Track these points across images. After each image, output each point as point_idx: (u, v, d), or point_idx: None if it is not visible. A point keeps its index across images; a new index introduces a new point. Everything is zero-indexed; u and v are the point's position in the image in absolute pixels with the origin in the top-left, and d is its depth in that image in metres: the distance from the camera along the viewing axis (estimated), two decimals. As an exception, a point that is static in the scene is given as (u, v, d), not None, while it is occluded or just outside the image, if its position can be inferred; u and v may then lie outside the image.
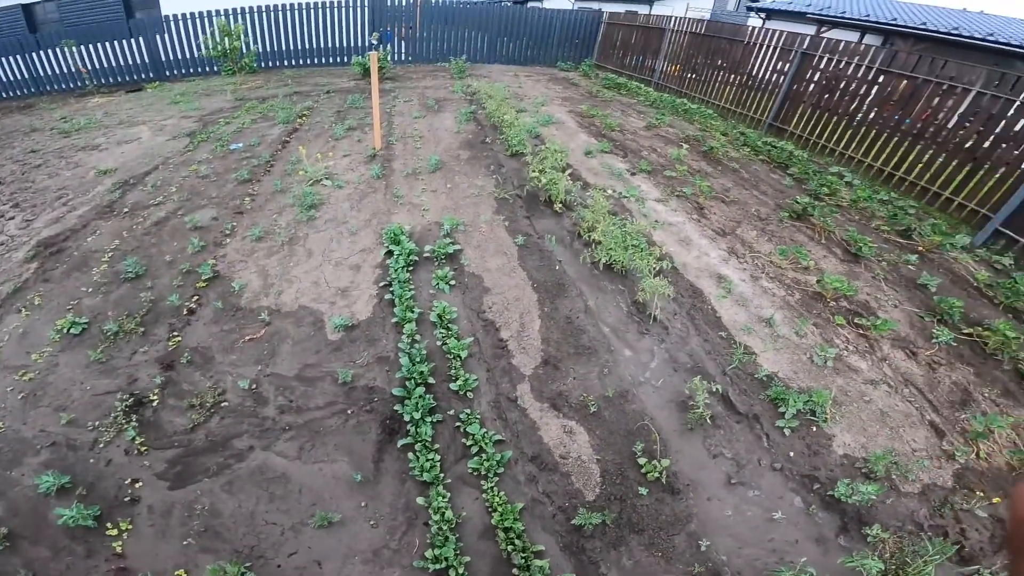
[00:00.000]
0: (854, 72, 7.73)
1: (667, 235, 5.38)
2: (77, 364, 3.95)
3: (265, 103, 9.77)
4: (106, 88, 12.64)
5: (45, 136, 8.61)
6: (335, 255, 5.05)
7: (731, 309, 4.39)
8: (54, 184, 6.68)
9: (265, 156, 7.10)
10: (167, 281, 4.74)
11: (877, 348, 4.11)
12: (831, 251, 5.27)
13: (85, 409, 3.61)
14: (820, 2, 19.35)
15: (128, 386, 3.76)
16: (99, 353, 4.00)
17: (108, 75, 12.88)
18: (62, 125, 9.05)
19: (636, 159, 7.12)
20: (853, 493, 3.00)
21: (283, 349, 4.05)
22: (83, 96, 12.08)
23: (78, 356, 4.01)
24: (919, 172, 6.83)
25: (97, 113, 9.85)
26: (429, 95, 10.09)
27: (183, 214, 5.73)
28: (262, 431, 3.47)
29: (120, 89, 12.52)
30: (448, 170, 6.62)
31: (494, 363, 3.90)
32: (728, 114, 9.98)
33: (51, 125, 9.19)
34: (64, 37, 12.19)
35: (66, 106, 11.00)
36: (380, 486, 3.17)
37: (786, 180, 6.96)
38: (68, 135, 8.53)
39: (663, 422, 3.46)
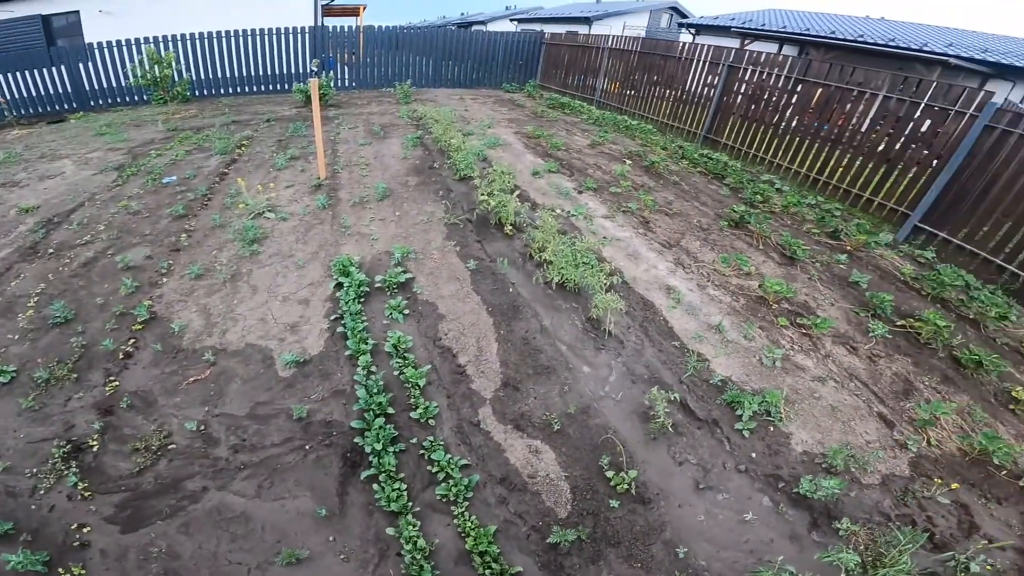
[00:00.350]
0: (775, 82, 8.24)
1: (616, 251, 5.51)
2: (8, 412, 3.70)
3: (200, 133, 9.42)
4: (26, 119, 11.87)
5: None
6: (282, 290, 4.89)
7: (682, 318, 4.53)
8: (-30, 226, 6.17)
9: (202, 189, 6.82)
10: (99, 325, 4.45)
11: (820, 346, 4.33)
12: (769, 256, 5.56)
13: (21, 456, 3.40)
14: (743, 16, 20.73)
15: (65, 432, 3.55)
16: (31, 401, 3.75)
17: (28, 105, 12.12)
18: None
19: (582, 177, 7.31)
20: (817, 489, 3.08)
21: (231, 389, 3.87)
22: (1, 128, 11.29)
23: (8, 404, 3.76)
24: (840, 175, 7.32)
25: (16, 146, 9.20)
26: (374, 121, 10.03)
27: (114, 253, 5.40)
28: (215, 471, 3.32)
29: (41, 120, 11.79)
30: (396, 197, 6.57)
31: (454, 389, 3.86)
32: (666, 128, 10.43)
33: None
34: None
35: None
36: (347, 519, 3.07)
37: (723, 190, 7.32)
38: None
39: (627, 434, 3.50)
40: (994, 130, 5.59)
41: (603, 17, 27.69)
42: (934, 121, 6.32)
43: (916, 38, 15.44)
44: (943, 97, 6.21)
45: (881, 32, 16.54)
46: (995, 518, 3.07)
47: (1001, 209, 5.50)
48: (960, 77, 13.09)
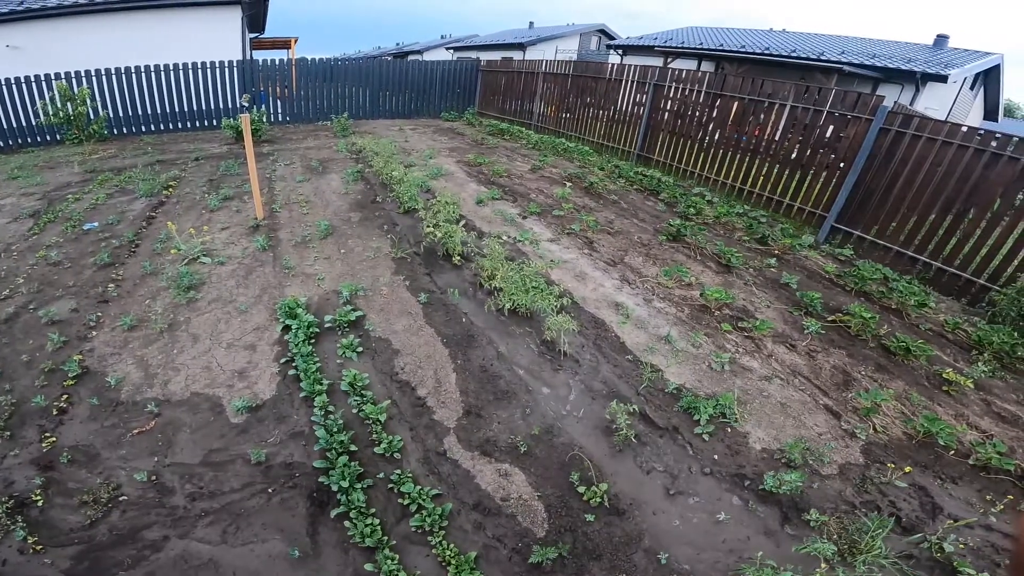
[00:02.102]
0: (696, 98, 8.78)
1: (564, 272, 5.66)
2: None
3: (122, 175, 8.92)
4: (-76, 163, 10.78)
5: None
6: (225, 337, 4.69)
7: (632, 333, 4.69)
8: None
9: (128, 235, 6.44)
10: (28, 382, 4.13)
11: (762, 346, 4.60)
12: (707, 266, 5.90)
13: None
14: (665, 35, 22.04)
15: (5, 489, 3.32)
16: None
17: (-77, 152, 11.03)
18: None
19: (525, 202, 7.50)
20: (781, 483, 3.19)
21: (180, 438, 3.67)
22: None
23: None
24: (762, 184, 7.86)
25: (-88, 198, 8.33)
26: (312, 156, 9.88)
27: (35, 308, 5.00)
28: (174, 520, 3.15)
29: (-58, 165, 10.74)
30: (340, 234, 6.47)
31: (416, 421, 3.82)
32: (602, 148, 10.88)
33: None
34: None
35: None
36: (322, 558, 2.96)
37: (659, 205, 7.72)
38: None
39: (593, 449, 3.57)
40: (889, 131, 6.22)
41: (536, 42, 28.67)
42: (836, 127, 6.93)
43: (814, 48, 16.81)
44: (840, 103, 6.83)
45: (785, 44, 17.93)
46: (954, 497, 3.26)
47: (905, 205, 6.10)
48: (854, 83, 14.24)
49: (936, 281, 5.85)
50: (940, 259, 5.82)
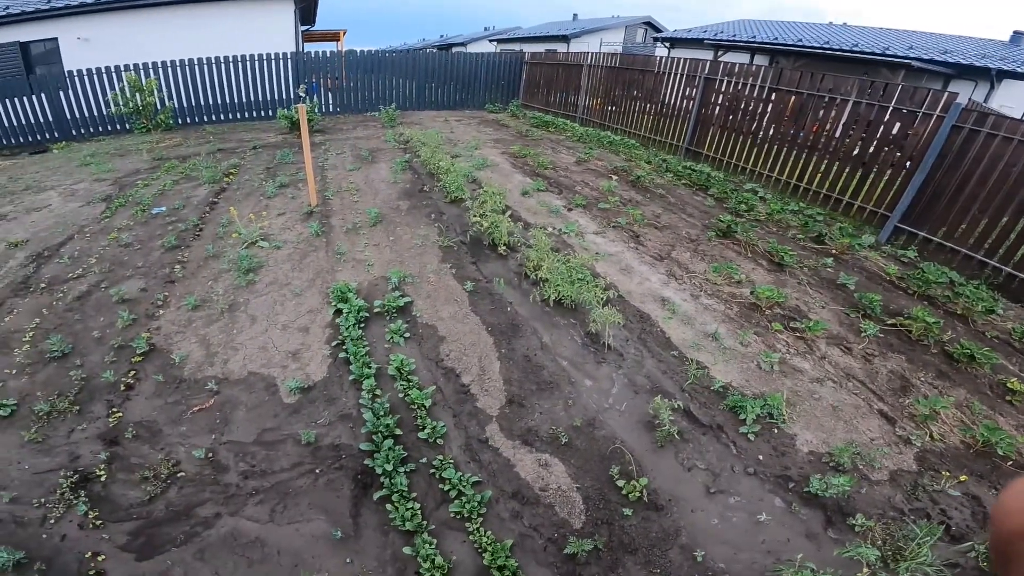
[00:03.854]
0: (750, 92, 8.48)
1: (609, 266, 5.61)
2: (11, 445, 3.67)
3: (187, 162, 9.41)
4: (7, 150, 11.71)
5: None
6: (281, 319, 4.89)
7: (678, 329, 4.62)
8: (-42, 261, 6.07)
9: (192, 219, 6.81)
10: (98, 358, 4.41)
11: (815, 348, 4.44)
12: (758, 263, 5.71)
13: (27, 487, 3.36)
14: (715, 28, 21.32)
15: (70, 463, 3.52)
16: (33, 433, 3.72)
17: (9, 135, 11.94)
18: None
19: (571, 195, 7.45)
20: (828, 487, 3.12)
21: (237, 416, 3.86)
22: (-17, 160, 11.08)
23: (10, 437, 3.72)
24: (819, 181, 7.52)
25: (1, 178, 9.09)
26: (362, 146, 10.12)
27: (107, 286, 5.36)
28: (227, 497, 3.30)
29: (23, 151, 11.63)
30: (389, 222, 6.62)
31: (459, 408, 3.89)
32: (649, 142, 10.66)
33: None
34: None
35: None
36: (363, 540, 3.06)
37: (708, 201, 7.51)
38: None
39: (634, 443, 3.55)
40: (962, 129, 5.83)
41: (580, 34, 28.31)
42: (903, 124, 6.55)
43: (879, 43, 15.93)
44: (909, 100, 6.45)
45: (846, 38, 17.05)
46: (1009, 508, 3.13)
47: (977, 206, 5.72)
48: (924, 79, 13.52)
49: (1006, 287, 5.48)
50: (1011, 264, 5.43)
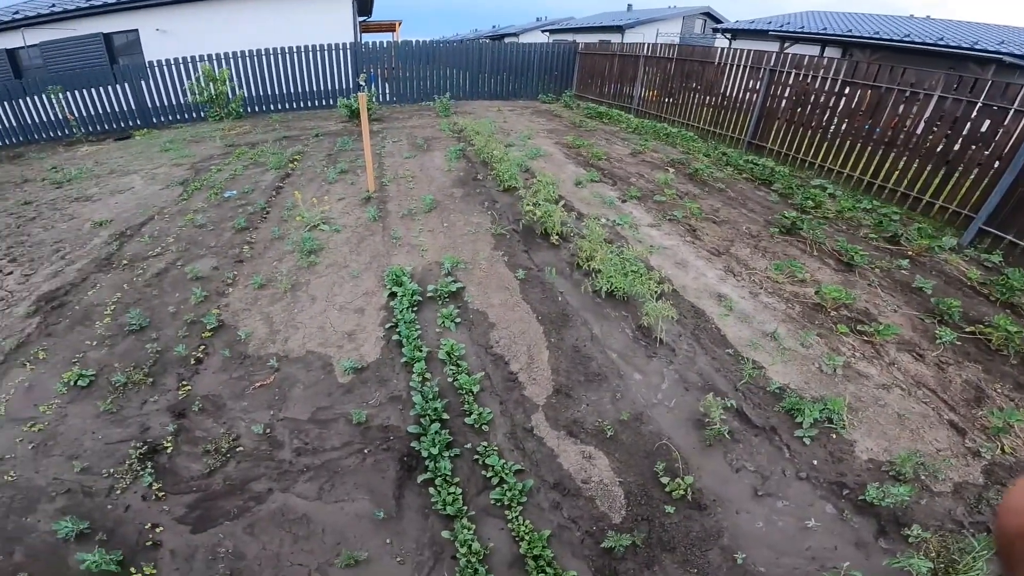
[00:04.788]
0: (821, 85, 8.04)
1: (664, 259, 5.48)
2: (87, 415, 3.92)
3: (255, 149, 9.89)
4: (94, 136, 12.64)
5: (37, 187, 8.60)
6: (338, 299, 5.07)
7: (735, 326, 4.46)
8: (50, 237, 6.66)
9: (260, 203, 7.16)
10: (172, 332, 4.72)
11: (884, 353, 4.18)
12: (824, 262, 5.41)
13: (99, 457, 3.58)
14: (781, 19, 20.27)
15: (141, 434, 3.74)
16: (109, 403, 3.97)
17: (95, 122, 12.88)
18: (54, 175, 9.04)
19: (625, 186, 7.31)
20: (885, 496, 3.00)
21: (294, 394, 4.03)
22: (72, 144, 12.04)
23: (87, 407, 3.98)
24: (896, 179, 7.05)
25: (87, 162, 9.88)
26: (417, 134, 10.30)
27: (183, 264, 5.74)
28: (280, 473, 3.45)
29: (108, 137, 12.54)
30: (443, 209, 6.72)
31: (507, 395, 3.91)
32: (708, 135, 10.29)
33: (42, 175, 9.17)
34: (50, 83, 12.08)
35: (55, 155, 11.00)
36: (404, 522, 3.14)
37: (772, 196, 7.17)
38: (60, 186, 8.54)
39: (681, 441, 3.47)
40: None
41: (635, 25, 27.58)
42: (993, 121, 6.04)
43: (966, 36, 14.78)
44: (1001, 96, 5.94)
45: (929, 32, 15.92)
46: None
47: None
48: (1016, 75, 12.52)
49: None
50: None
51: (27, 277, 5.78)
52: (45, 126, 12.54)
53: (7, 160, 10.88)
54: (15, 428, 3.81)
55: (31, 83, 12.29)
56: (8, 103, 12.09)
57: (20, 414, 3.93)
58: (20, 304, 5.25)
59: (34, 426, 3.81)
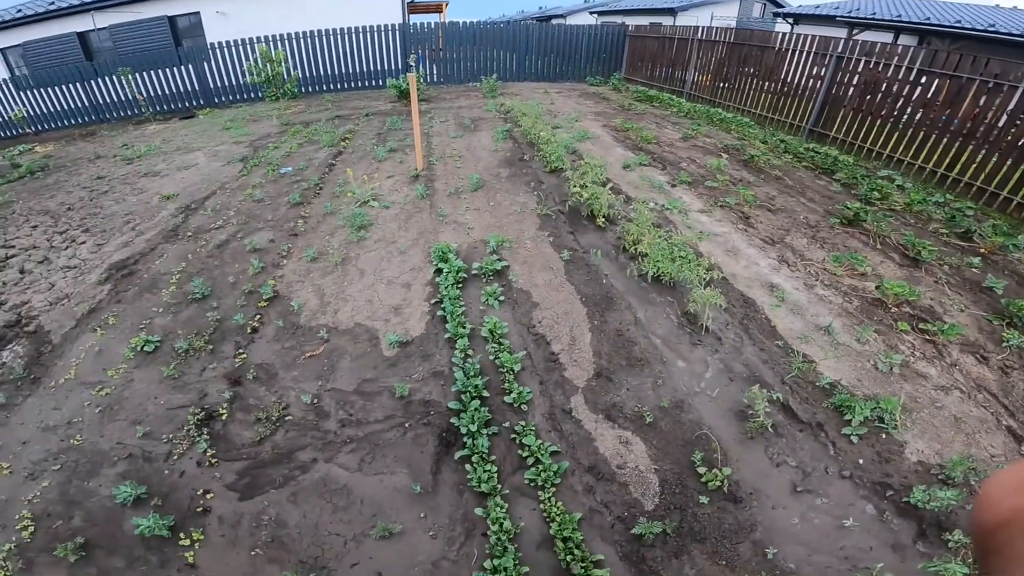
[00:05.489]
0: (894, 74, 7.57)
1: (714, 246, 5.33)
2: (151, 380, 4.13)
3: (309, 127, 10.18)
4: (161, 115, 13.33)
5: (109, 163, 9.16)
6: (386, 274, 5.20)
7: (786, 318, 4.30)
8: (121, 210, 7.11)
9: (314, 179, 7.40)
10: (231, 301, 4.95)
11: (946, 353, 3.96)
12: (888, 256, 5.12)
13: (160, 423, 3.76)
14: (849, 5, 19.02)
15: (199, 401, 3.90)
16: (171, 369, 4.18)
17: (162, 102, 13.56)
18: (124, 152, 9.60)
19: (675, 171, 7.11)
20: (930, 499, 2.89)
21: (342, 365, 4.17)
22: (141, 123, 12.75)
23: (151, 372, 4.20)
24: (973, 172, 6.59)
25: (155, 140, 10.43)
26: (464, 115, 10.33)
27: (242, 237, 6.01)
28: (324, 444, 3.56)
29: (174, 116, 13.19)
30: (489, 188, 6.74)
31: (547, 376, 3.93)
32: (765, 121, 9.84)
33: (114, 152, 9.76)
34: (119, 65, 12.78)
35: (126, 133, 11.67)
36: (439, 497, 3.20)
37: (833, 186, 6.81)
38: (131, 162, 9.07)
39: (721, 431, 3.40)
40: None
41: (688, 8, 26.39)
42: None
43: (1060, 27, 13.45)
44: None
45: (1016, 22, 14.64)
46: None
47: None
48: None
49: None
50: None
51: (99, 247, 6.20)
52: (116, 106, 13.31)
53: (80, 138, 11.63)
54: (84, 392, 4.07)
55: (102, 65, 13.03)
56: (81, 84, 12.89)
57: (89, 378, 4.20)
58: (92, 272, 5.63)
59: (102, 390, 4.07)
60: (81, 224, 6.81)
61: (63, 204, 7.46)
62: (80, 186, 8.16)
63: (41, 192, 7.98)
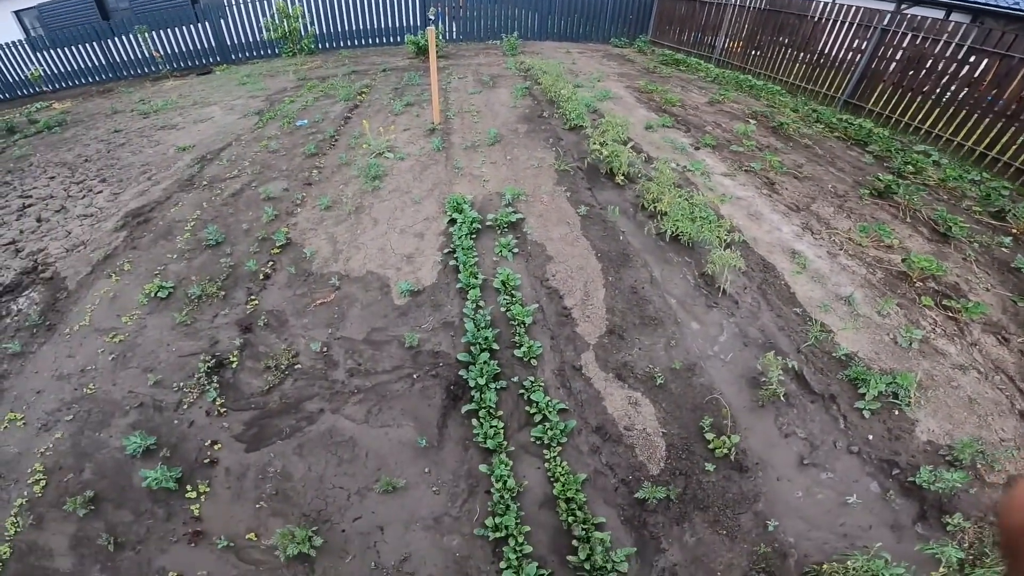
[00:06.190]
0: (941, 50, 7.19)
1: (735, 209, 5.16)
2: (163, 326, 4.13)
3: (326, 82, 10.00)
4: (178, 72, 13.24)
5: (126, 117, 9.12)
6: (400, 223, 5.14)
7: (806, 285, 4.18)
8: (138, 161, 7.09)
9: (329, 131, 7.30)
10: (244, 248, 4.95)
11: (967, 332, 3.83)
12: (917, 230, 4.94)
13: (171, 370, 3.76)
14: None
15: (210, 348, 3.90)
16: (184, 316, 4.19)
17: (179, 59, 13.44)
18: (141, 107, 9.55)
19: (699, 134, 6.86)
20: (936, 480, 2.84)
21: (352, 313, 4.15)
22: (158, 80, 12.70)
23: (164, 319, 4.20)
24: (1014, 153, 6.31)
25: (172, 95, 10.36)
26: (483, 72, 10.04)
27: (256, 186, 5.97)
28: (332, 394, 3.55)
29: (191, 72, 13.08)
30: (507, 143, 6.58)
31: (558, 331, 3.87)
32: (797, 91, 9.44)
33: (131, 107, 9.72)
34: (136, 23, 12.67)
35: (143, 89, 11.61)
36: (443, 452, 3.19)
37: (865, 158, 6.54)
38: (147, 116, 9.03)
39: (732, 398, 3.35)
40: None
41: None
42: None
43: None
44: None
45: None
46: None
47: None
48: None
49: None
50: None
51: (116, 196, 6.21)
52: (133, 63, 13.24)
53: (98, 95, 11.60)
54: (98, 339, 4.09)
55: (118, 23, 12.93)
56: (98, 43, 12.82)
57: (103, 324, 4.22)
58: (109, 220, 5.65)
59: (115, 337, 4.09)
60: (98, 175, 6.82)
61: (80, 156, 7.47)
62: (97, 139, 8.15)
63: (58, 145, 7.98)
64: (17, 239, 5.46)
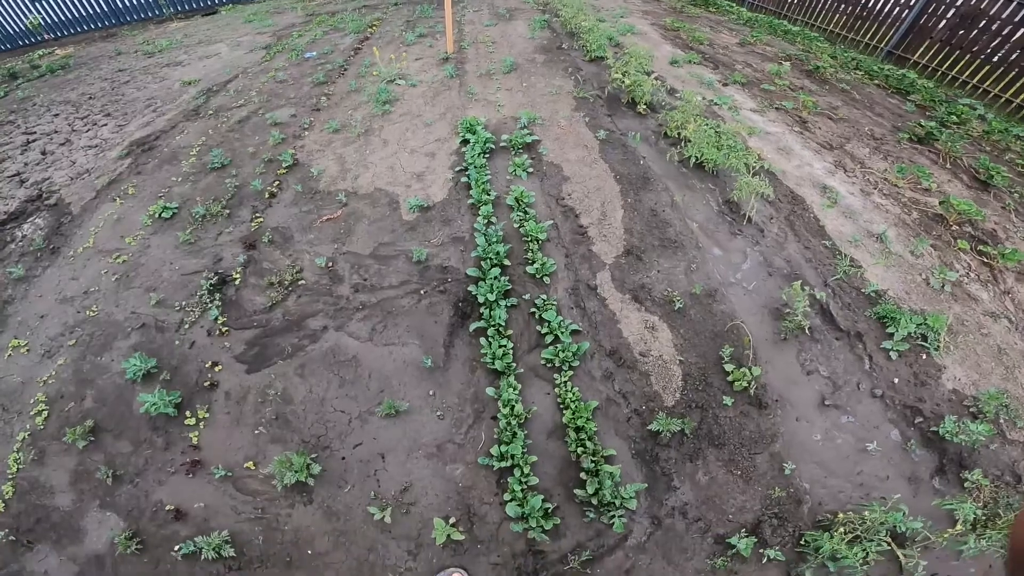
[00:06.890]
0: (999, 11, 6.64)
1: (764, 143, 4.89)
2: (167, 246, 4.08)
3: (335, 16, 9.65)
4: (182, 13, 12.83)
5: (130, 58, 8.86)
6: (410, 144, 4.97)
7: (836, 220, 3.96)
8: (142, 95, 6.92)
9: (339, 62, 7.04)
10: (250, 169, 4.82)
11: (1001, 279, 3.62)
12: (957, 176, 4.66)
13: (173, 289, 3.70)
14: None
15: (214, 265, 3.84)
16: (188, 235, 4.12)
17: (183, 1, 13.02)
18: (145, 48, 9.29)
19: (728, 71, 6.49)
20: (958, 432, 2.68)
21: (359, 228, 4.03)
22: (162, 23, 12.32)
23: (168, 238, 4.14)
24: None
25: (177, 35, 10.07)
26: (499, 4, 9.58)
27: (263, 113, 5.80)
28: (336, 310, 3.44)
29: (196, 14, 12.69)
30: (523, 71, 6.27)
31: (573, 249, 3.71)
32: (837, 39, 8.90)
33: (135, 49, 9.44)
34: None
35: (147, 32, 11.30)
36: (449, 373, 3.07)
37: (906, 106, 6.18)
38: (152, 55, 8.76)
39: (754, 328, 3.19)
40: None
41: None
42: None
43: None
44: None
45: None
46: None
47: None
48: None
49: None
50: None
51: (120, 127, 6.06)
52: (136, 8, 12.74)
53: (100, 39, 11.27)
54: (101, 260, 4.03)
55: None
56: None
57: (107, 246, 4.16)
58: (113, 149, 5.53)
59: (119, 258, 4.02)
60: (102, 110, 6.66)
61: (84, 94, 7.29)
62: (101, 78, 7.93)
63: (62, 86, 7.78)
64: (22, 171, 5.38)
